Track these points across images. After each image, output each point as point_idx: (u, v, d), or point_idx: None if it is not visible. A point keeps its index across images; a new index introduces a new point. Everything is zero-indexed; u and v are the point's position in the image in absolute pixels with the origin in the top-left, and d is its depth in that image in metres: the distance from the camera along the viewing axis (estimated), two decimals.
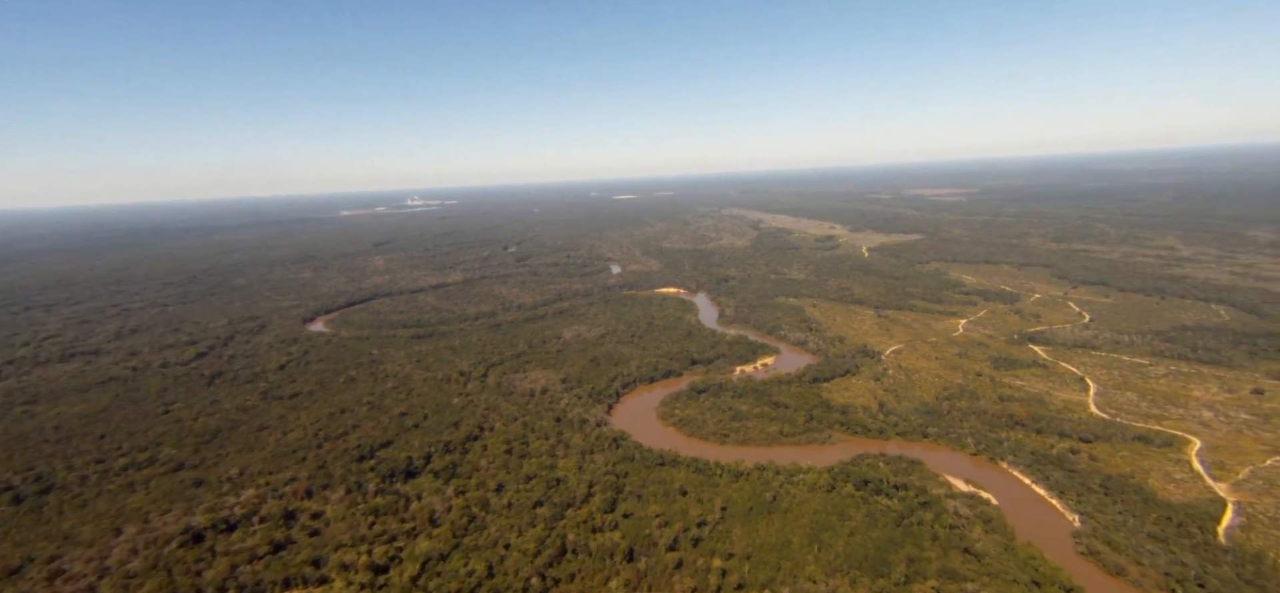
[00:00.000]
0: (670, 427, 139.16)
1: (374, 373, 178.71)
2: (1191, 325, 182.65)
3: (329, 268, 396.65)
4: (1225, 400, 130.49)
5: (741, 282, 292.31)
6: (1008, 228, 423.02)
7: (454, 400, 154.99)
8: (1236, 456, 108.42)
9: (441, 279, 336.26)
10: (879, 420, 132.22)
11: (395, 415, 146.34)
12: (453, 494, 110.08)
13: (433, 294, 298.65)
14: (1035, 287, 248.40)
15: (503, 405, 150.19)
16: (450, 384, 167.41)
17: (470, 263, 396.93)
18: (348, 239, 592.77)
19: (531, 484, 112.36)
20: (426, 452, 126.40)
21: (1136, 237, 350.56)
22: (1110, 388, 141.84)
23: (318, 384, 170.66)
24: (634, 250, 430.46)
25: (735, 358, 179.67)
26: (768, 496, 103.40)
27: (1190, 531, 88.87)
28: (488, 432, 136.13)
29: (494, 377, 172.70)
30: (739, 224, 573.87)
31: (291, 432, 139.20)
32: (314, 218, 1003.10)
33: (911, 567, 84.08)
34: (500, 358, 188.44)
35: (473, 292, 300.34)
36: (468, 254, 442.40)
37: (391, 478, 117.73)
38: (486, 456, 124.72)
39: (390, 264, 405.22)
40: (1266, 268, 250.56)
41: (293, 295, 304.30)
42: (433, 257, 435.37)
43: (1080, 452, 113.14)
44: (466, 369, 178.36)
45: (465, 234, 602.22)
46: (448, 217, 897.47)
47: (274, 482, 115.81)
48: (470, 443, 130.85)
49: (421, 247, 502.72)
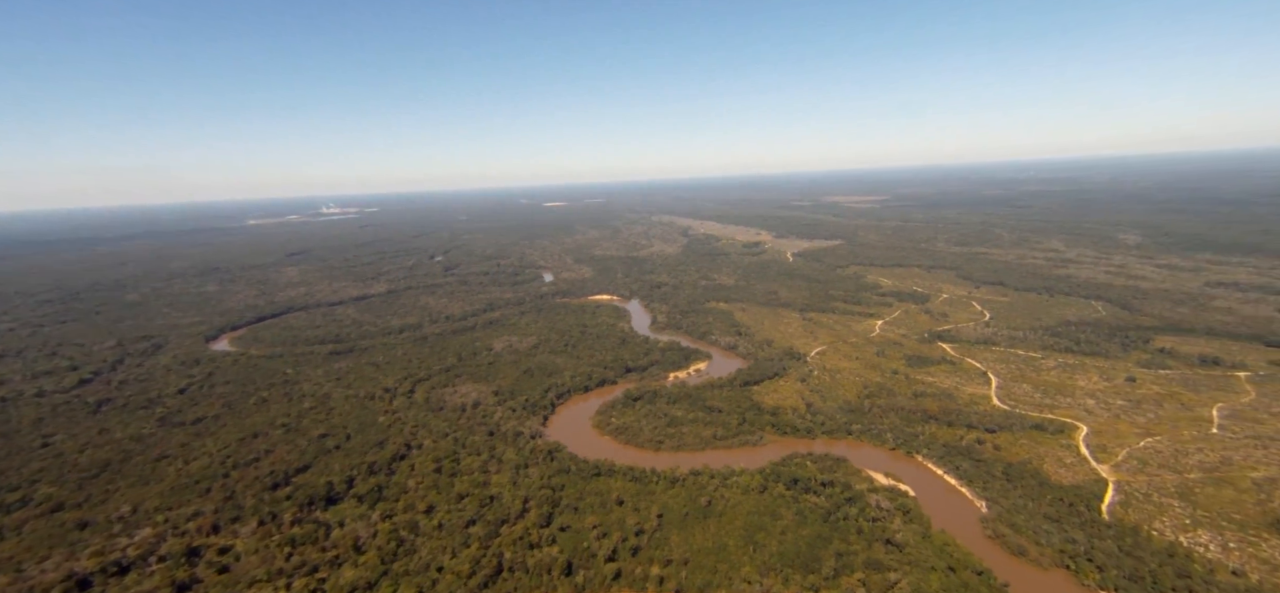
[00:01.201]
0: (606, 436, 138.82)
1: (289, 393, 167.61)
2: (1075, 321, 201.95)
3: (236, 281, 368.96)
4: (1104, 389, 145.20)
5: (673, 288, 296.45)
6: (917, 233, 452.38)
7: (379, 419, 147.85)
8: (1115, 439, 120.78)
9: (363, 291, 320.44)
10: (807, 420, 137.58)
11: (313, 438, 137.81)
12: (379, 519, 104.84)
13: (354, 307, 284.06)
14: (943, 287, 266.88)
15: (432, 422, 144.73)
16: (374, 402, 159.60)
17: (394, 273, 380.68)
18: (257, 249, 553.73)
19: (464, 503, 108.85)
20: (349, 475, 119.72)
21: (1028, 240, 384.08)
22: (1009, 381, 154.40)
23: (224, 408, 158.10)
24: (565, 258, 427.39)
25: (669, 364, 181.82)
26: (703, 500, 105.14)
27: (1079, 510, 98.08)
28: (416, 450, 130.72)
29: (422, 392, 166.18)
30: (669, 231, 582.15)
31: (194, 461, 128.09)
32: (217, 227, 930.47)
33: (840, 561, 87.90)
34: (428, 372, 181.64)
35: (397, 303, 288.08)
36: (391, 264, 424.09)
37: (310, 505, 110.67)
38: (415, 476, 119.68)
39: (305, 275, 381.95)
40: (1135, 267, 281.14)
41: (194, 311, 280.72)
42: (353, 267, 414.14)
43: (985, 442, 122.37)
44: (392, 385, 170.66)
45: (388, 243, 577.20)
46: (368, 225, 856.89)
47: (174, 518, 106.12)
48: (397, 463, 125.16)
49: (340, 256, 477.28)
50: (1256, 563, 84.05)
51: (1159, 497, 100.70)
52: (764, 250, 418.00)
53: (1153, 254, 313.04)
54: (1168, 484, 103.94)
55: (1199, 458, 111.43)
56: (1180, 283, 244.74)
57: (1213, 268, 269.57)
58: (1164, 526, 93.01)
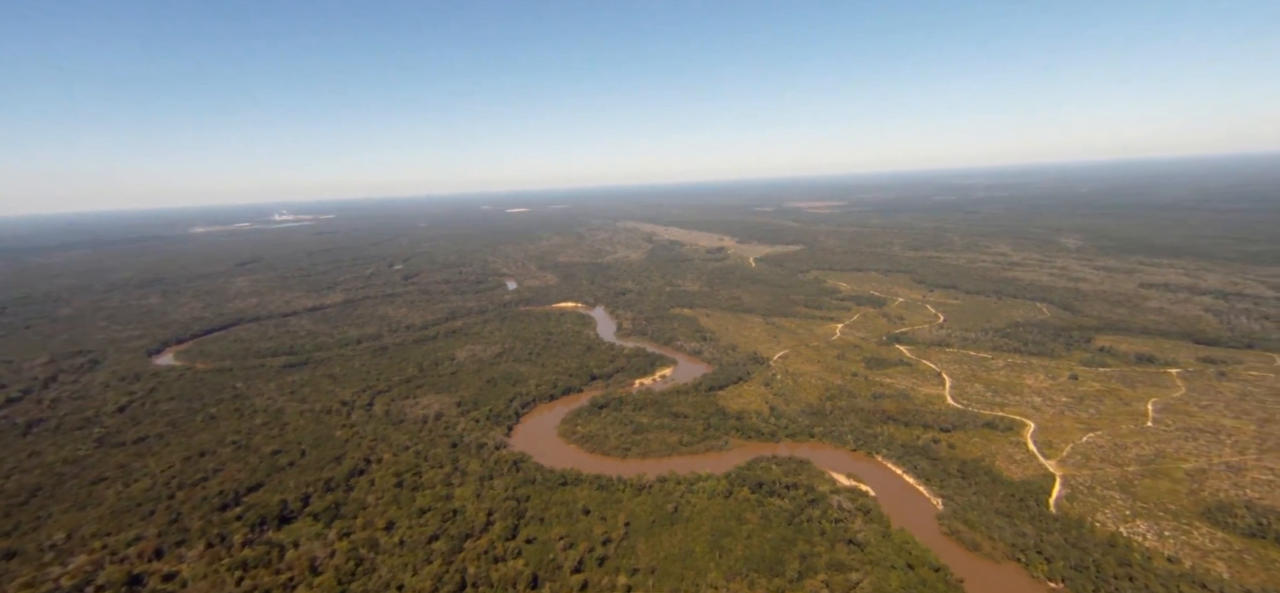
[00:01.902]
0: (572, 444, 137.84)
1: (239, 409, 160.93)
2: (1022, 322, 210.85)
3: (181, 292, 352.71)
4: (1050, 387, 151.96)
5: (638, 294, 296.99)
6: (875, 238, 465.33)
7: (335, 433, 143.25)
8: (1060, 435, 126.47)
9: (318, 301, 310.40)
10: (771, 424, 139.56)
11: (266, 455, 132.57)
12: (336, 537, 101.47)
13: (308, 318, 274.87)
14: (899, 291, 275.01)
15: (392, 435, 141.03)
16: (331, 416, 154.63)
17: (351, 282, 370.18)
18: (204, 259, 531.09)
19: (426, 518, 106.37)
20: (304, 493, 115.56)
21: (977, 244, 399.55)
22: (962, 381, 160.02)
23: (168, 426, 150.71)
24: (529, 265, 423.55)
25: (634, 371, 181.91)
26: (670, 507, 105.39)
27: (1028, 504, 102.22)
28: (375, 465, 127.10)
29: (381, 405, 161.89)
30: (633, 237, 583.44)
31: (135, 483, 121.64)
32: (161, 236, 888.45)
33: (804, 563, 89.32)
34: (388, 384, 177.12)
35: (355, 313, 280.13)
36: (348, 273, 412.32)
37: (262, 526, 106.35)
38: (374, 491, 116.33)
39: (257, 286, 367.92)
40: (1076, 269, 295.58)
41: (135, 325, 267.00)
42: (307, 276, 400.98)
43: (940, 441, 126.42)
44: (349, 398, 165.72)
45: (344, 251, 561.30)
46: (323, 232, 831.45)
47: (114, 543, 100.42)
48: (355, 479, 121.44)
49: (293, 265, 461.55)
50: (1189, 549, 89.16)
51: (1101, 489, 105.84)
52: (727, 256, 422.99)
53: (1092, 257, 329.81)
54: (1109, 477, 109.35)
55: (1136, 451, 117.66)
56: (1117, 284, 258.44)
57: (1146, 270, 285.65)
58: (1106, 517, 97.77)
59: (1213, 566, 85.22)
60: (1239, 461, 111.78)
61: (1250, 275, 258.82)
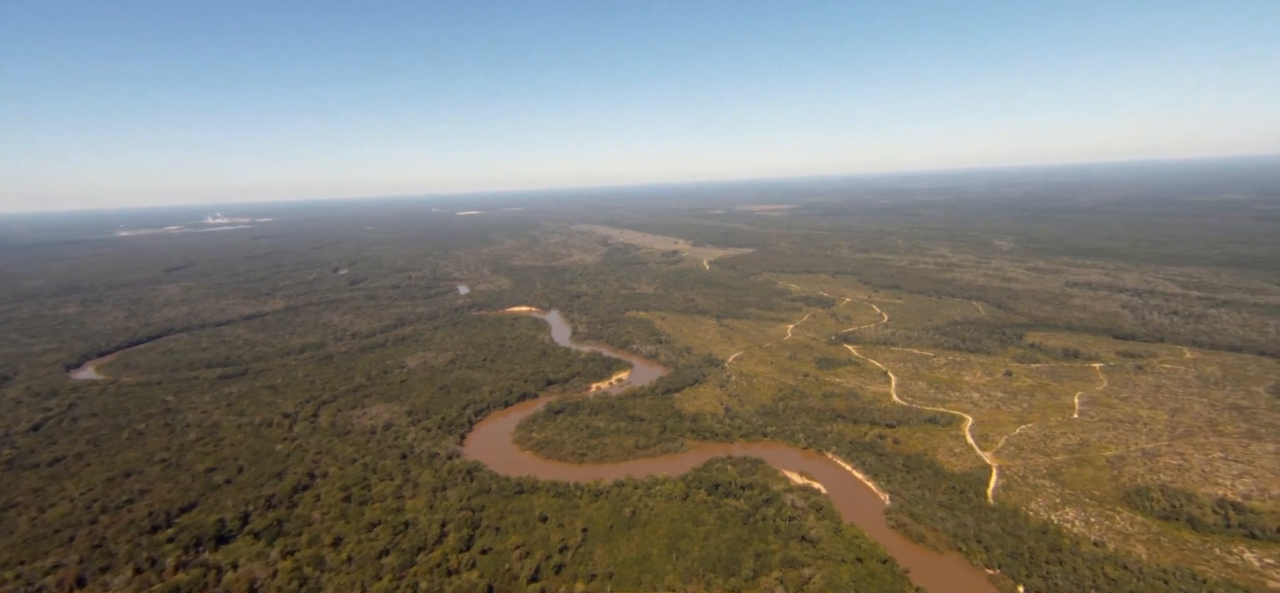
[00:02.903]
0: (528, 451, 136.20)
1: (170, 424, 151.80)
2: (960, 320, 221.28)
3: (103, 301, 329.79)
4: (986, 383, 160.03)
5: (593, 297, 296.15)
6: (823, 240, 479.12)
7: (277, 447, 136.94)
8: (996, 428, 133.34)
9: (256, 308, 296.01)
10: (726, 425, 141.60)
11: (200, 472, 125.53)
12: (279, 556, 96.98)
13: (245, 326, 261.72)
14: (846, 292, 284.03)
15: (338, 448, 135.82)
16: (272, 429, 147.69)
17: (292, 288, 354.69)
18: (129, 265, 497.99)
19: (376, 532, 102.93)
20: (243, 511, 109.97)
21: (919, 246, 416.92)
22: (906, 378, 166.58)
23: (89, 444, 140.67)
24: (482, 269, 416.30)
25: (591, 375, 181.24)
26: (627, 511, 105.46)
27: (968, 496, 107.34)
28: (320, 479, 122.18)
29: (326, 416, 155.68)
30: (588, 240, 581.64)
31: (53, 507, 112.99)
32: (80, 240, 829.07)
33: (759, 561, 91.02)
34: (333, 394, 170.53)
35: (297, 321, 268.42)
36: (289, 278, 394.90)
37: (197, 547, 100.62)
38: (320, 507, 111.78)
39: (188, 293, 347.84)
40: (1009, 270, 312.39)
41: (50, 337, 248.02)
42: (244, 283, 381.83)
43: (887, 437, 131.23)
44: (292, 410, 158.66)
45: (285, 255, 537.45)
46: (261, 236, 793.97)
47: (29, 573, 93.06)
48: (299, 494, 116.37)
49: (229, 271, 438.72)
50: (1112, 533, 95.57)
51: (1033, 479, 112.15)
52: (682, 259, 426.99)
53: (1023, 258, 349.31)
54: (1040, 467, 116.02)
55: (1064, 441, 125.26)
56: (1045, 284, 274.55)
57: (1070, 269, 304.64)
58: (1038, 505, 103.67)
59: (1133, 548, 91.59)
60: (1154, 447, 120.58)
61: (1162, 274, 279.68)
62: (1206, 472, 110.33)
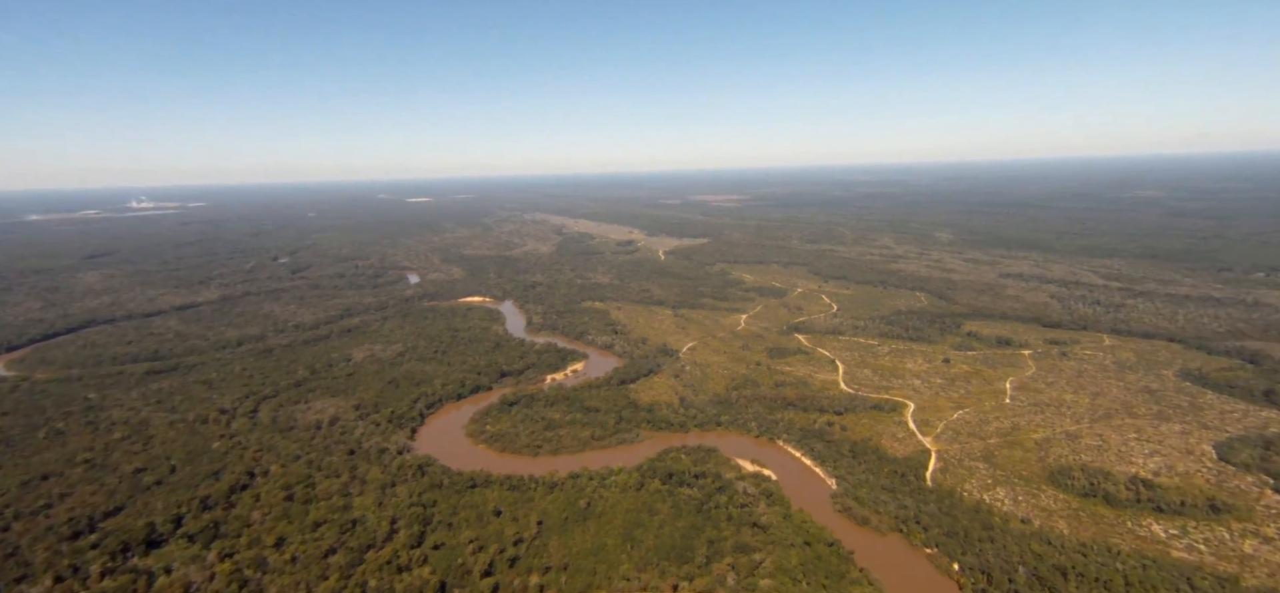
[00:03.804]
0: (481, 444, 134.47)
1: (92, 422, 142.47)
2: (903, 310, 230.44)
3: (13, 290, 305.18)
4: (927, 370, 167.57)
5: (548, 287, 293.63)
6: (775, 231, 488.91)
7: (213, 445, 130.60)
8: (935, 413, 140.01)
9: (188, 298, 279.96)
10: (680, 415, 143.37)
11: (127, 474, 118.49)
12: (216, 559, 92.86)
13: (176, 317, 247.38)
14: (797, 282, 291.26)
15: (280, 444, 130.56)
16: (207, 426, 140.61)
17: (228, 277, 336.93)
18: (42, 251, 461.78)
19: (321, 531, 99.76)
20: (176, 513, 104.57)
21: (866, 238, 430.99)
22: (853, 367, 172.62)
23: (0, 445, 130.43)
24: (433, 257, 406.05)
25: (545, 366, 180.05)
26: (582, 503, 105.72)
27: (909, 479, 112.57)
28: (261, 478, 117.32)
29: (267, 411, 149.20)
30: (543, 229, 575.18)
31: None
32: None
33: (711, 548, 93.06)
34: (274, 388, 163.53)
35: (233, 312, 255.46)
36: (224, 267, 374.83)
37: (125, 553, 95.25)
38: (260, 507, 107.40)
39: (111, 282, 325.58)
40: (949, 261, 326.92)
41: None
42: (174, 271, 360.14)
43: (834, 424, 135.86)
44: (229, 405, 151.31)
45: (219, 242, 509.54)
46: (192, 221, 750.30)
47: None
48: (238, 494, 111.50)
49: (157, 259, 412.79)
50: (1037, 511, 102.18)
51: (968, 461, 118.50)
52: (637, 249, 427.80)
53: (961, 250, 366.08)
54: (974, 450, 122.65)
55: (996, 425, 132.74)
56: (981, 275, 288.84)
57: (1004, 261, 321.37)
58: (972, 486, 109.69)
59: (1056, 524, 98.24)
60: (1076, 429, 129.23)
61: (1086, 266, 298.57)
62: (1121, 451, 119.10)
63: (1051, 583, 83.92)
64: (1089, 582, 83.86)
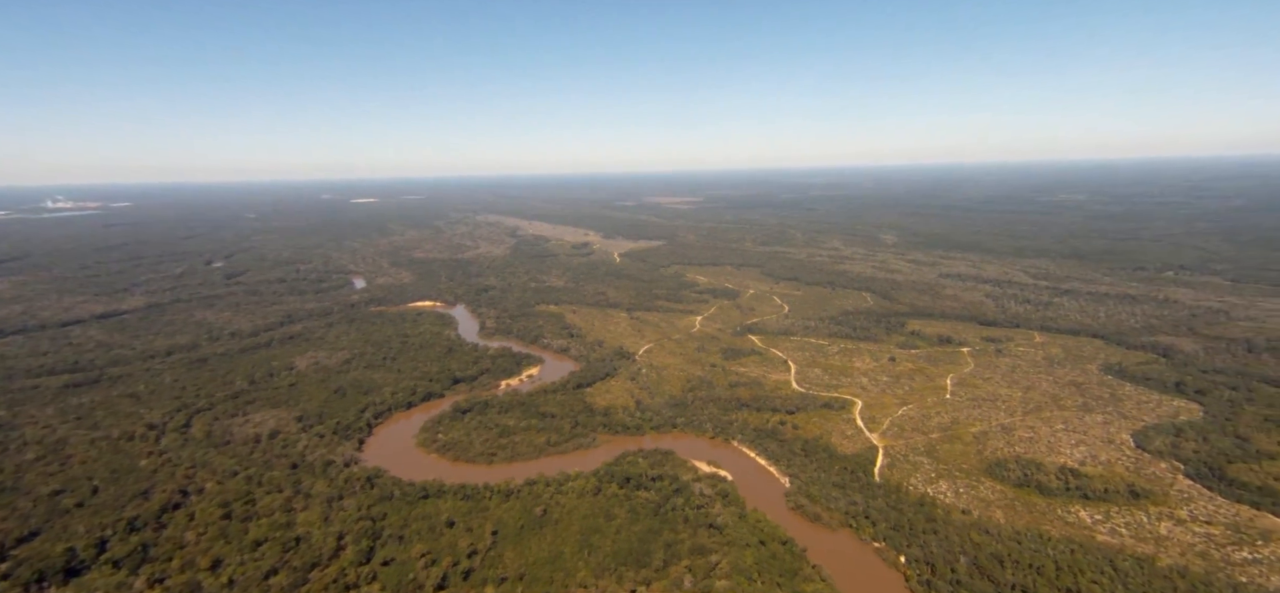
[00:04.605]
0: (433, 454, 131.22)
1: (2, 442, 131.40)
2: (851, 310, 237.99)
3: None
4: (874, 368, 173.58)
5: (502, 291, 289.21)
6: (728, 234, 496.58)
7: (140, 463, 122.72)
8: (882, 411, 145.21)
9: (112, 306, 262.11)
10: (637, 418, 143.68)
11: (42, 496, 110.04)
12: (144, 585, 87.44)
13: (98, 327, 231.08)
14: (750, 284, 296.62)
15: (216, 460, 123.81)
16: (133, 443, 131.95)
17: (157, 283, 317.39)
18: None
19: (262, 551, 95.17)
20: (99, 537, 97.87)
21: (815, 240, 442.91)
22: (804, 366, 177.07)
23: None
24: (380, 261, 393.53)
25: (500, 372, 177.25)
26: (538, 510, 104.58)
27: (858, 475, 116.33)
28: (195, 496, 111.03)
29: (201, 425, 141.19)
30: (496, 232, 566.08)
31: None
32: None
33: (668, 551, 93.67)
34: (209, 400, 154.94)
35: (162, 320, 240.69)
36: (151, 272, 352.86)
37: (40, 582, 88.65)
38: (195, 527, 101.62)
39: (22, 289, 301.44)
40: (893, 263, 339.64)
41: None
42: (95, 277, 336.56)
43: (787, 423, 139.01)
44: (158, 420, 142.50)
45: (146, 246, 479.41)
46: (116, 223, 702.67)
47: None
48: (169, 514, 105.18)
49: (76, 263, 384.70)
50: (976, 502, 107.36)
51: (913, 456, 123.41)
52: (593, 251, 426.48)
53: (904, 251, 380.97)
54: (918, 445, 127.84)
55: (938, 421, 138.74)
56: (922, 275, 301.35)
57: (943, 262, 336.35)
58: (917, 480, 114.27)
59: (993, 514, 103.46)
60: (1010, 422, 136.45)
61: (1017, 266, 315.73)
62: (1051, 443, 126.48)
63: (989, 571, 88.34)
64: (1023, 568, 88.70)
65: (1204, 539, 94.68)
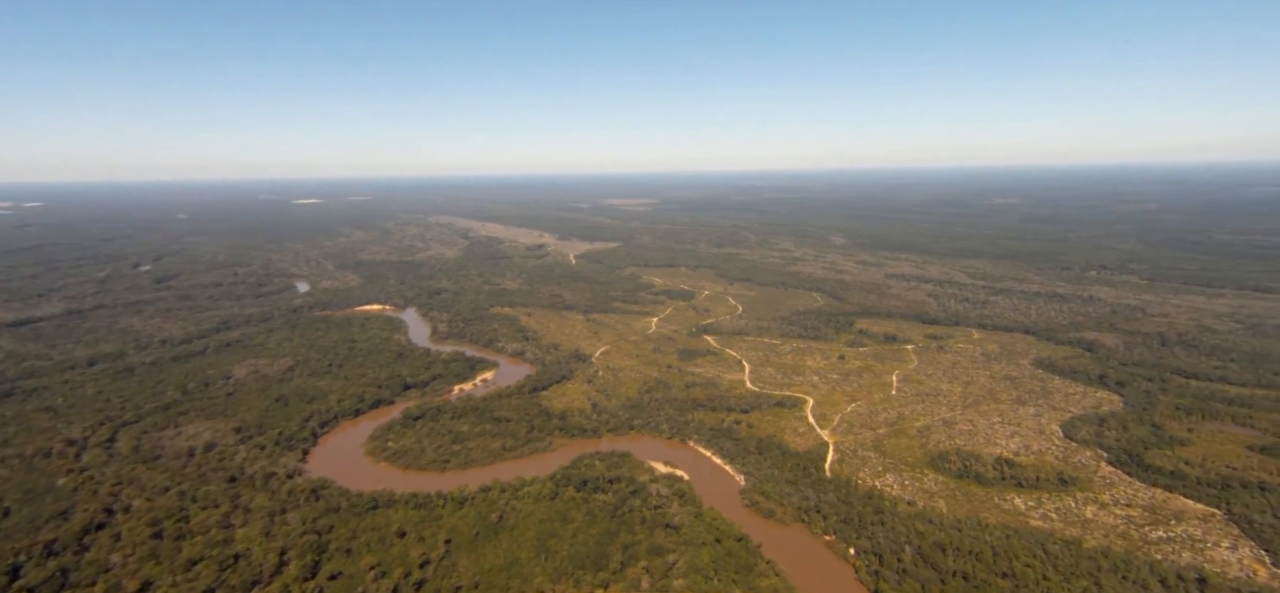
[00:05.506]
0: (383, 462, 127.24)
1: None
2: (803, 310, 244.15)
3: None
4: (824, 367, 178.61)
5: (455, 294, 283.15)
6: (683, 235, 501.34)
7: (58, 482, 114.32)
8: (832, 407, 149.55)
9: (24, 314, 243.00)
10: (593, 420, 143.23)
11: None
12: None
13: (8, 335, 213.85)
14: (705, 285, 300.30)
15: (145, 476, 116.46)
16: (50, 460, 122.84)
17: (76, 288, 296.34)
18: None
19: (197, 570, 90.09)
20: (12, 563, 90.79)
21: (768, 242, 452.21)
22: (758, 366, 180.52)
23: None
24: (325, 264, 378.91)
25: (453, 376, 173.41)
26: (494, 517, 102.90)
27: (810, 471, 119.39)
28: (121, 515, 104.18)
29: (127, 440, 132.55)
30: (448, 233, 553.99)
31: None
32: None
33: (626, 553, 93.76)
34: (137, 413, 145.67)
35: (83, 328, 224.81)
36: (70, 276, 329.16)
37: None
38: (122, 547, 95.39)
39: None
40: (842, 263, 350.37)
41: None
42: (4, 282, 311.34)
43: (742, 422, 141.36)
44: (79, 435, 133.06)
45: (62, 248, 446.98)
46: (29, 224, 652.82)
47: None
48: (92, 535, 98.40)
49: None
50: (921, 493, 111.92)
51: (861, 451, 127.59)
52: (548, 253, 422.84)
53: (853, 252, 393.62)
54: (867, 440, 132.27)
55: (885, 416, 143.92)
56: (869, 275, 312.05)
57: (889, 262, 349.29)
58: (865, 475, 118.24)
59: (936, 505, 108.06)
60: (951, 416, 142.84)
61: (957, 267, 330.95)
62: (989, 434, 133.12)
63: (933, 559, 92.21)
64: (964, 555, 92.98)
65: (1125, 521, 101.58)
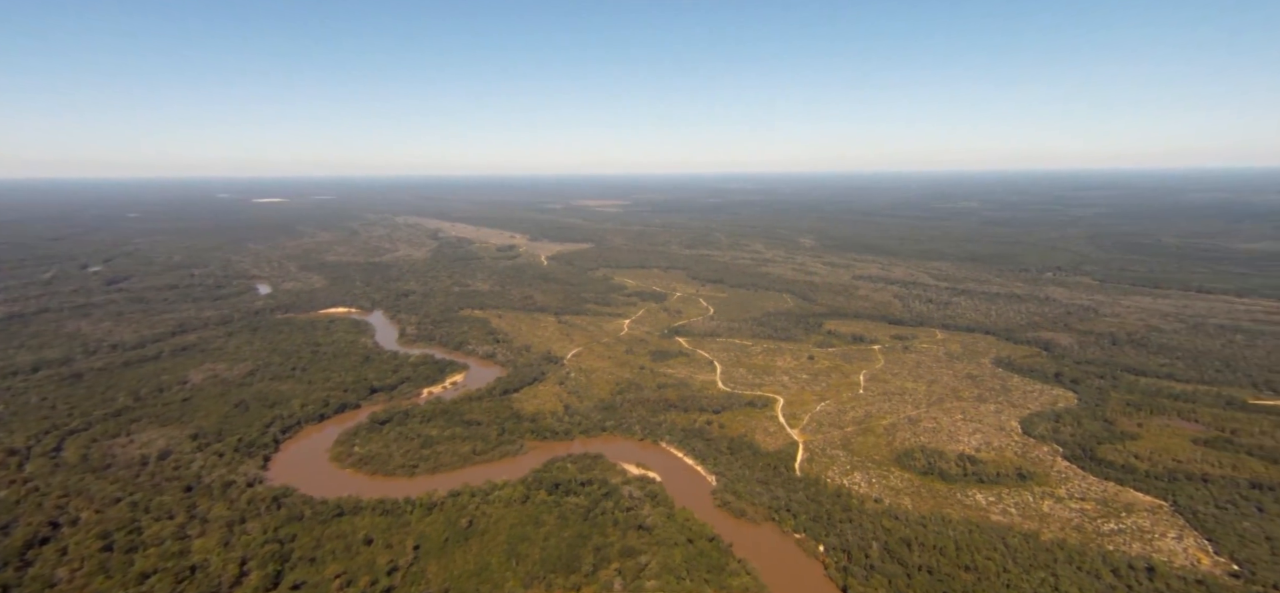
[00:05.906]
0: (348, 468, 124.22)
1: None
2: (773, 311, 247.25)
3: None
4: (794, 367, 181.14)
5: (423, 296, 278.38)
6: (655, 237, 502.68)
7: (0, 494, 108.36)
8: (801, 407, 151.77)
9: None
10: (565, 423, 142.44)
11: None
12: None
13: None
14: (677, 286, 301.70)
15: (93, 487, 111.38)
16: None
17: (18, 290, 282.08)
18: None
19: (150, 583, 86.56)
20: None
21: (739, 243, 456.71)
22: (729, 366, 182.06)
23: None
24: (288, 265, 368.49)
25: (422, 379, 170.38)
26: (464, 521, 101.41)
27: (780, 470, 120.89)
28: (68, 527, 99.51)
29: (75, 449, 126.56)
30: (416, 234, 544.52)
31: None
32: None
33: (598, 555, 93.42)
34: (85, 420, 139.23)
35: (25, 331, 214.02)
36: (11, 277, 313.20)
37: None
38: (68, 562, 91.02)
39: None
40: (811, 265, 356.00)
41: None
42: None
43: (713, 422, 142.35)
44: (22, 445, 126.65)
45: (4, 248, 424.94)
46: None
47: None
48: (36, 550, 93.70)
49: None
50: (887, 490, 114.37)
51: (830, 450, 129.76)
52: (519, 254, 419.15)
53: (821, 254, 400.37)
54: (835, 439, 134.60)
55: (853, 415, 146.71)
56: (838, 277, 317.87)
57: (857, 264, 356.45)
58: (834, 473, 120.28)
59: (902, 501, 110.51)
60: (916, 414, 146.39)
61: (921, 268, 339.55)
62: (952, 432, 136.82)
63: (899, 554, 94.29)
64: (928, 549, 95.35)
65: (1079, 514, 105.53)
